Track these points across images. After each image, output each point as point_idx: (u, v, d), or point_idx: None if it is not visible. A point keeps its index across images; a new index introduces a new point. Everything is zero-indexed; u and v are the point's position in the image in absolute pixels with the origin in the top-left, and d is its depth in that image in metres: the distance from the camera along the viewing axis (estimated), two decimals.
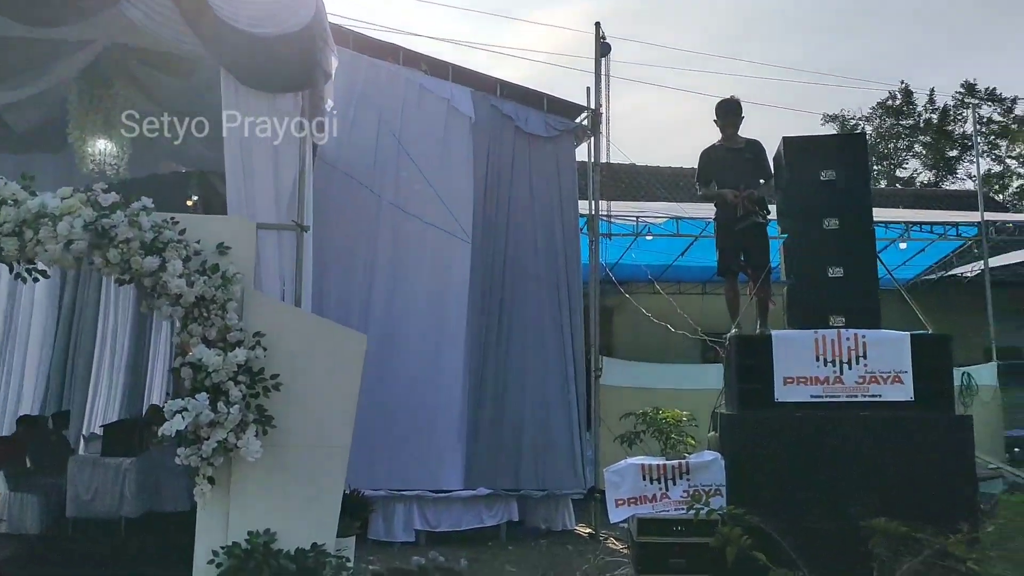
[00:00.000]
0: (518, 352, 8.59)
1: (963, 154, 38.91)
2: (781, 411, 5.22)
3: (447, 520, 8.23)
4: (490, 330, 8.51)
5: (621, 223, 10.76)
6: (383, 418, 8.06)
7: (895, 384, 5.14)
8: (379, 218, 8.44)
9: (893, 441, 5.09)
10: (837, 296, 5.36)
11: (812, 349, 5.22)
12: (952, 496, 4.97)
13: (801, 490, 5.08)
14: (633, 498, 5.37)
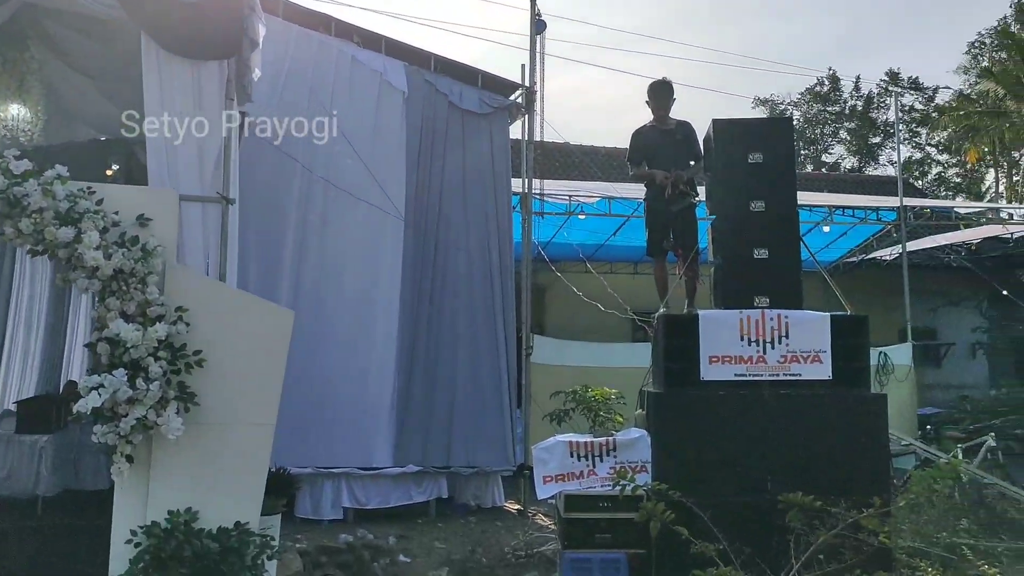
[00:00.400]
0: (449, 330, 8.56)
1: (885, 141, 40.13)
2: (706, 389, 5.32)
3: (376, 497, 8.20)
4: (421, 308, 8.46)
5: (554, 202, 10.79)
6: (311, 395, 7.97)
7: (815, 363, 5.29)
8: (309, 193, 8.29)
9: (811, 418, 5.24)
10: (762, 277, 5.47)
11: (737, 329, 5.32)
12: (866, 471, 5.14)
13: (723, 466, 5.20)
14: (561, 475, 5.42)
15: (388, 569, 6.65)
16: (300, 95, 8.28)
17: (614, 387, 7.00)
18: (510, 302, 8.85)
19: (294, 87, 8.28)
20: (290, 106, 8.27)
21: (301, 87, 8.29)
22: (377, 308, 8.33)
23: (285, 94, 8.26)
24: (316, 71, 8.40)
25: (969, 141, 33.28)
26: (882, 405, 5.32)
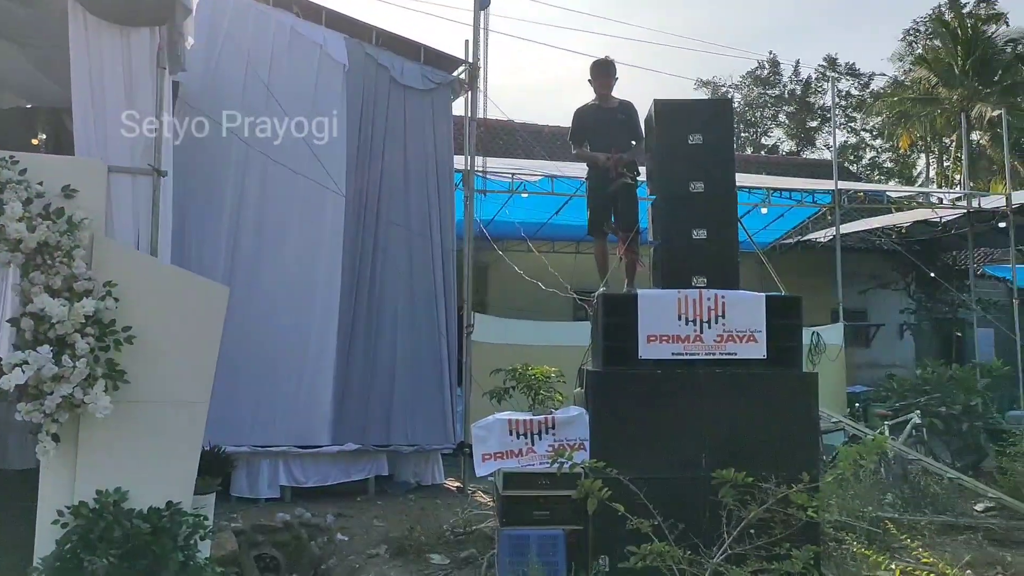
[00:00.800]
0: (390, 308, 8.50)
1: (822, 125, 41.00)
2: (643, 368, 5.38)
3: (314, 475, 8.14)
4: (361, 286, 8.37)
5: (497, 180, 10.75)
6: (249, 373, 7.86)
7: (750, 343, 5.38)
8: (247, 166, 8.11)
9: (745, 397, 5.34)
10: (700, 257, 5.54)
11: (675, 308, 5.38)
12: (797, 448, 5.26)
13: (659, 443, 5.27)
14: (500, 452, 5.43)
15: (326, 548, 6.59)
16: (236, 66, 8.09)
17: (555, 365, 7.04)
18: (451, 280, 8.81)
19: (230, 57, 8.09)
20: (226, 77, 8.10)
21: (238, 58, 8.10)
22: (316, 285, 8.21)
23: (221, 64, 8.07)
24: (254, 41, 8.20)
25: (902, 127, 34.23)
26: (813, 384, 5.45)
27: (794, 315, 5.50)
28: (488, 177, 10.29)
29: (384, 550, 6.24)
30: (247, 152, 8.05)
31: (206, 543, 4.96)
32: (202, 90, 7.90)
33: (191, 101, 7.90)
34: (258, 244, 8.10)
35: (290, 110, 8.09)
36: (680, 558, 4.21)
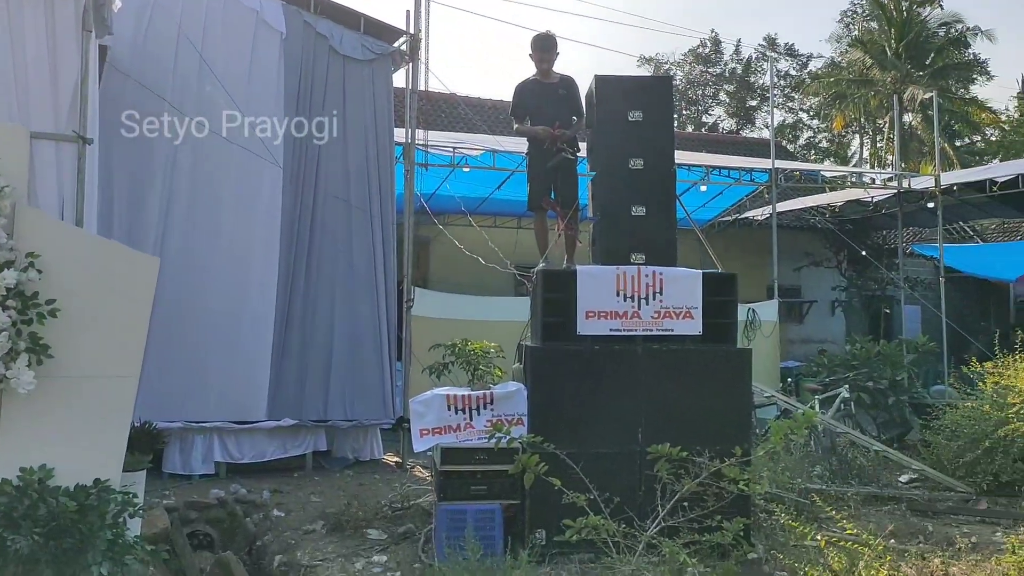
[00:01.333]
0: (328, 282, 8.38)
1: (762, 104, 41.57)
2: (582, 344, 5.41)
3: (250, 451, 8.02)
4: (299, 259, 8.23)
5: (438, 153, 10.66)
6: (182, 348, 7.69)
7: (686, 319, 5.45)
8: (179, 134, 7.87)
9: (681, 372, 5.42)
10: (639, 234, 5.57)
11: (613, 285, 5.41)
12: (730, 423, 5.37)
13: (596, 418, 5.32)
14: (438, 428, 5.42)
15: (261, 524, 6.55)
16: (167, 31, 7.84)
17: (496, 340, 7.03)
18: (391, 254, 8.72)
19: (161, 22, 7.82)
20: (156, 42, 7.85)
21: (169, 22, 7.84)
22: (253, 258, 8.05)
23: (151, 29, 7.80)
24: (186, 6, 7.93)
25: (837, 108, 34.95)
26: (747, 360, 5.55)
27: (729, 292, 5.59)
28: (429, 151, 10.20)
29: (321, 526, 6.19)
30: (179, 120, 7.82)
31: (136, 521, 4.86)
32: (132, 55, 7.64)
33: (120, 66, 7.64)
34: (192, 216, 7.89)
35: (224, 78, 7.88)
36: (614, 531, 4.27)
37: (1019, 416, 7.32)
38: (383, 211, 8.68)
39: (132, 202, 7.71)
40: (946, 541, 6.24)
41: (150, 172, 7.77)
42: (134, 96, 7.65)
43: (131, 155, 7.65)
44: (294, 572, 5.39)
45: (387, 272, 8.67)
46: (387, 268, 8.67)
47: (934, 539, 6.30)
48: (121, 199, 7.65)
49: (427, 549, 5.48)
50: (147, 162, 7.76)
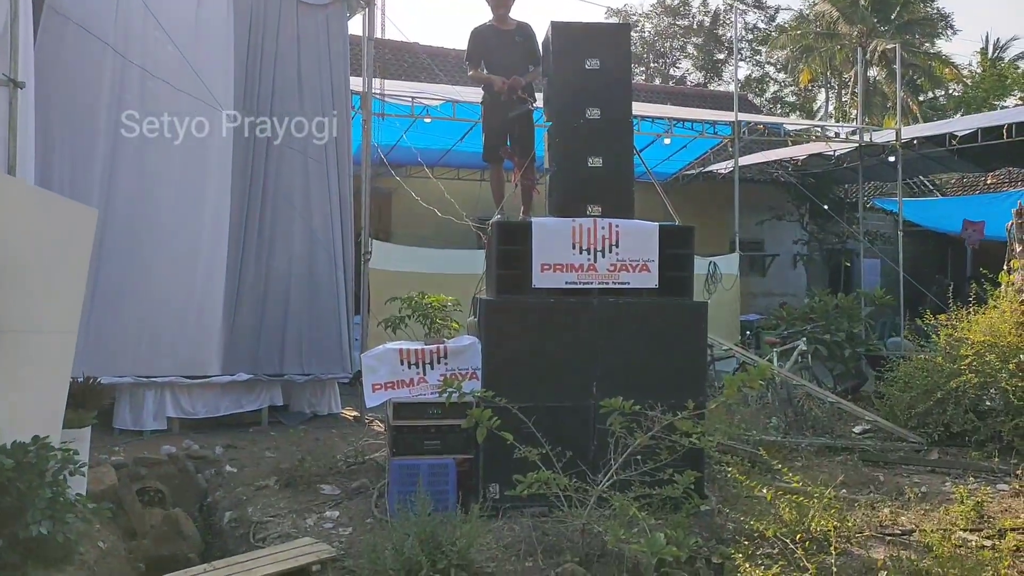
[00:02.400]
0: (283, 234, 8.19)
1: (729, 57, 41.39)
2: (537, 297, 5.33)
3: (203, 406, 7.91)
4: (253, 209, 8.03)
5: (396, 103, 10.42)
6: (131, 300, 7.53)
7: (643, 272, 5.39)
8: (124, 81, 7.59)
9: (637, 326, 5.37)
10: (595, 186, 5.46)
11: (569, 237, 5.32)
12: (685, 376, 5.35)
13: (551, 373, 5.27)
14: (391, 382, 5.34)
15: (213, 480, 6.46)
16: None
17: (456, 294, 6.93)
18: (347, 206, 8.54)
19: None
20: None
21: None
22: (204, 207, 7.84)
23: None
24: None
25: (804, 62, 34.94)
26: (702, 313, 5.51)
27: (686, 245, 5.53)
28: (387, 100, 9.95)
29: (274, 481, 6.12)
30: (124, 67, 7.52)
31: (80, 479, 4.75)
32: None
33: (61, 8, 7.31)
34: (139, 165, 7.64)
35: (170, 27, 7.58)
36: (566, 485, 4.24)
37: (971, 368, 7.42)
38: (339, 161, 8.47)
39: (76, 151, 7.44)
40: (896, 491, 6.33)
41: (93, 117, 7.49)
42: (75, 39, 7.34)
43: (71, 99, 7.36)
44: (244, 528, 5.32)
45: (344, 224, 8.49)
46: (343, 220, 8.50)
47: (885, 489, 6.39)
48: (64, 148, 7.38)
49: (380, 504, 5.44)
50: (89, 106, 7.48)
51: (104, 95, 7.50)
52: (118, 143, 7.55)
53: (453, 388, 4.60)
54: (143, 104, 7.62)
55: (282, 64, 8.17)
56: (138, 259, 7.54)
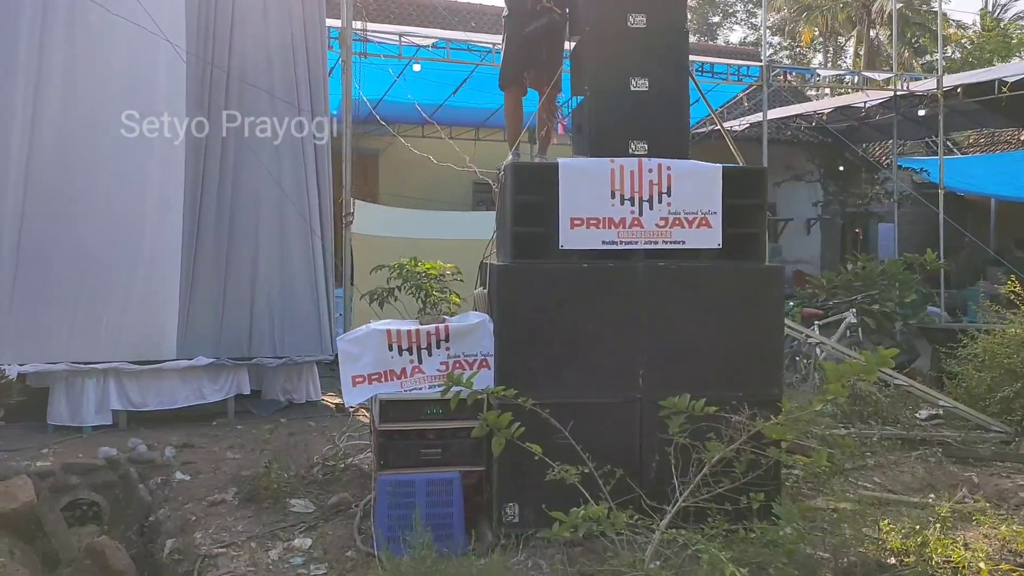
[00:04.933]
0: (249, 195, 6.94)
1: (724, 21, 40.01)
2: (566, 261, 4.10)
3: (156, 397, 6.69)
4: (211, 168, 6.79)
5: (381, 42, 9.05)
6: (65, 275, 6.32)
7: (702, 228, 4.15)
8: (44, 9, 6.27)
9: (695, 297, 4.15)
10: (640, 116, 4.19)
11: (607, 183, 4.07)
12: (758, 361, 4.14)
13: (584, 359, 4.05)
14: (376, 374, 4.10)
15: (158, 492, 5.22)
16: None
17: (452, 262, 5.71)
18: (325, 163, 7.28)
19: None
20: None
21: None
22: (152, 160, 6.60)
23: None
24: None
25: (804, 21, 33.59)
26: (779, 280, 4.29)
27: (757, 193, 4.29)
28: (370, 39, 8.63)
29: (233, 494, 4.91)
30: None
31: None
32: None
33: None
34: (66, 114, 6.36)
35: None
36: (623, 525, 3.03)
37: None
38: (314, 110, 7.18)
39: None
40: (998, 496, 5.18)
41: (11, 48, 6.19)
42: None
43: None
44: (189, 564, 4.11)
45: (320, 183, 7.25)
46: (320, 178, 7.24)
47: (981, 491, 5.24)
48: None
49: (364, 528, 4.23)
50: (7, 35, 6.17)
51: (24, 21, 6.20)
52: (43, 80, 6.28)
53: (462, 385, 3.36)
54: (74, 35, 6.40)
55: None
56: (70, 227, 6.38)
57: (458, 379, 3.30)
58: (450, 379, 3.32)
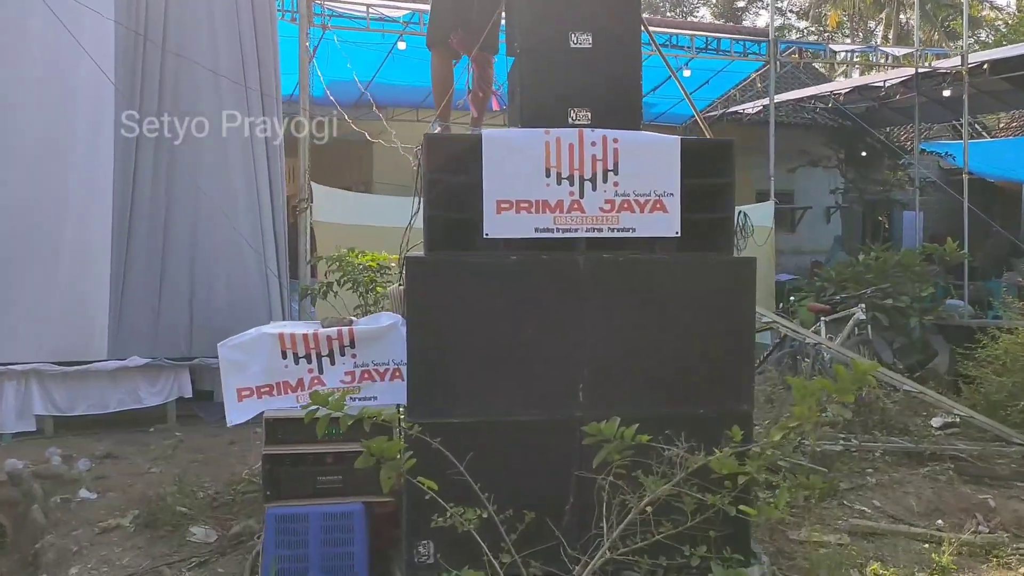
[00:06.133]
0: (187, 177, 6.32)
1: (750, 5, 38.91)
2: (491, 253, 3.43)
3: (85, 401, 6.14)
4: (144, 147, 6.18)
5: (345, 11, 8.38)
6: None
7: (656, 212, 3.45)
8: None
9: (647, 296, 3.46)
10: (582, 78, 3.51)
11: (541, 158, 3.40)
12: (722, 372, 3.45)
13: (516, 371, 3.38)
14: (267, 386, 3.48)
15: (54, 513, 4.62)
16: None
17: None
18: (276, 139, 6.64)
19: None
20: None
21: None
22: (72, 146, 6.02)
23: None
24: None
25: (830, 4, 32.57)
26: (749, 275, 3.58)
27: (723, 170, 3.58)
28: (327, 4, 7.97)
29: (132, 518, 4.31)
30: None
31: None
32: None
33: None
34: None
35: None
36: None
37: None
38: (263, 82, 6.55)
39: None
40: (1017, 523, 4.47)
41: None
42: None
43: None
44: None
45: (271, 165, 6.63)
46: (272, 159, 6.62)
47: (999, 518, 4.52)
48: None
49: (258, 568, 3.60)
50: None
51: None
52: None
53: (328, 406, 2.69)
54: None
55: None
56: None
57: (323, 398, 2.65)
58: (314, 398, 2.67)
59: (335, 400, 2.60)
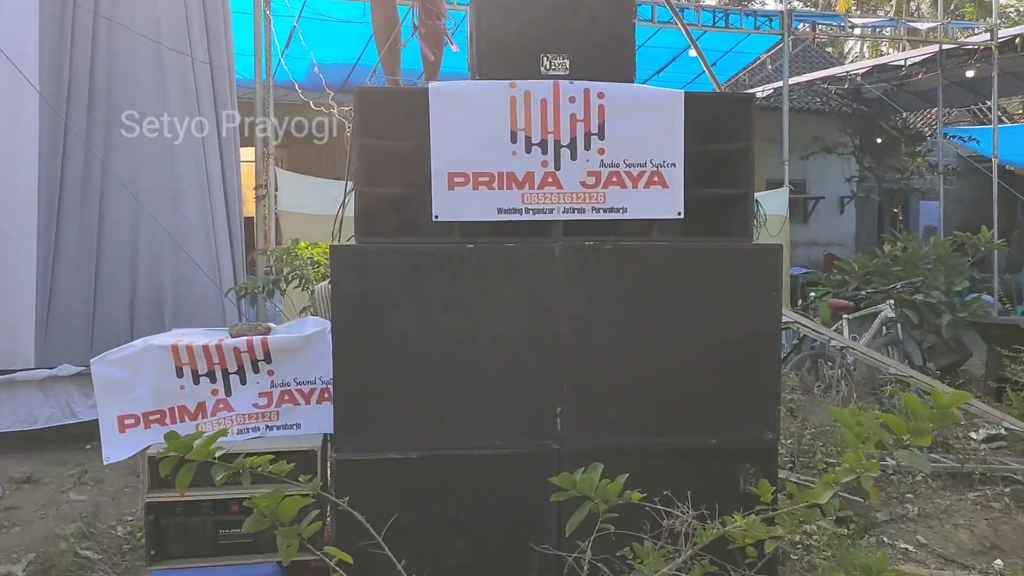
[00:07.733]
0: (127, 159, 5.59)
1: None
2: (442, 241, 2.67)
3: (11, 415, 5.39)
4: (74, 137, 5.42)
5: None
6: None
7: (653, 188, 2.70)
8: None
9: (643, 293, 2.70)
10: (557, 17, 2.76)
11: (505, 118, 2.64)
12: (740, 392, 2.69)
13: (475, 391, 2.63)
14: (156, 412, 2.73)
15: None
16: None
17: None
18: (228, 118, 5.89)
19: None
20: None
21: None
22: None
23: None
24: None
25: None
26: (773, 268, 2.81)
27: (741, 132, 2.81)
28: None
29: (24, 567, 3.57)
30: None
31: None
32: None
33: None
34: None
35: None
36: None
37: None
38: (213, 59, 5.80)
39: None
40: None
41: None
42: None
43: None
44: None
45: (224, 150, 5.88)
46: (224, 145, 5.88)
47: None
48: None
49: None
50: None
51: None
52: None
53: (184, 450, 1.94)
54: None
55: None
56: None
57: (183, 443, 1.89)
58: (169, 442, 1.92)
59: (200, 446, 1.84)
